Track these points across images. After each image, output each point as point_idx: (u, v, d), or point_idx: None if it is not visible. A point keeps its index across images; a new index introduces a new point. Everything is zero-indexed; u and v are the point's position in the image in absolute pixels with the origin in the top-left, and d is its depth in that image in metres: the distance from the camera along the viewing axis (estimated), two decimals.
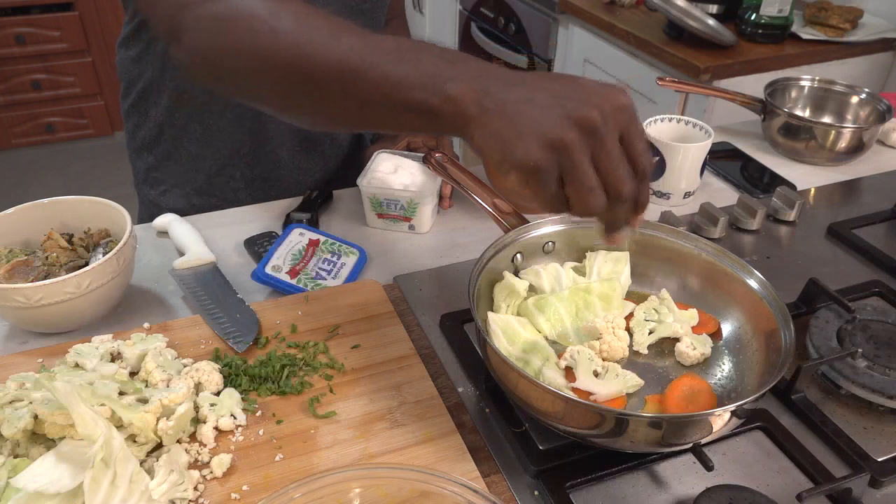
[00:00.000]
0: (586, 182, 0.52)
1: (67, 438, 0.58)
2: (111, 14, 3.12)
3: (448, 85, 0.52)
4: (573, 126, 0.50)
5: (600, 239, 0.59)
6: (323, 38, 0.58)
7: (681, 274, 0.79)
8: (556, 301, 0.75)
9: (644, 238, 0.79)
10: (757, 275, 0.72)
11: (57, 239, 0.80)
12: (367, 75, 0.55)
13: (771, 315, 0.69)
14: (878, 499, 0.63)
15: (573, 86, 0.53)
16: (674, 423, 0.59)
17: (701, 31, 1.73)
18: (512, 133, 0.51)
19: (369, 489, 0.56)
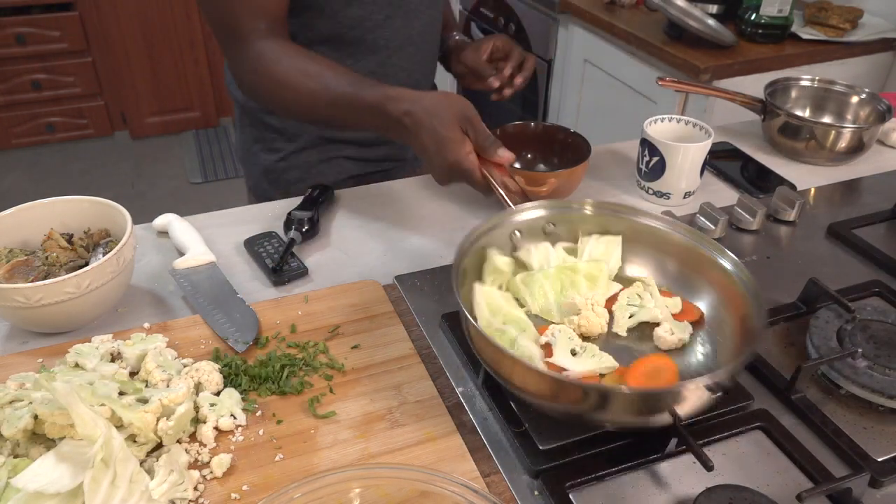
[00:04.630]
0: (476, 184, 0.85)
1: (67, 438, 0.58)
2: (111, 14, 3.12)
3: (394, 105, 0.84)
4: (445, 172, 0.86)
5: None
6: (325, 85, 0.90)
7: (662, 258, 0.81)
8: (542, 278, 0.77)
9: (634, 224, 0.81)
10: (729, 255, 0.74)
11: (57, 239, 0.80)
12: (352, 98, 0.88)
13: (745, 296, 0.70)
14: (878, 499, 0.63)
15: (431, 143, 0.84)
16: (627, 395, 0.60)
17: (701, 31, 1.73)
18: (425, 161, 0.87)
19: (369, 489, 0.56)
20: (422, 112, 0.83)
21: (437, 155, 0.83)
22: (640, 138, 1.04)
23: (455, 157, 0.83)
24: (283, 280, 0.86)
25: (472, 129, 0.84)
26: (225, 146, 3.47)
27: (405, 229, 0.98)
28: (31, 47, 3.05)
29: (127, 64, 3.25)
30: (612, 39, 1.99)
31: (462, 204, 1.03)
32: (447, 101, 0.84)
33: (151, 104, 3.41)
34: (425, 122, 0.83)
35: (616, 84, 2.04)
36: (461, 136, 0.83)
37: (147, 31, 3.22)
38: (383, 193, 1.06)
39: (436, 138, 0.83)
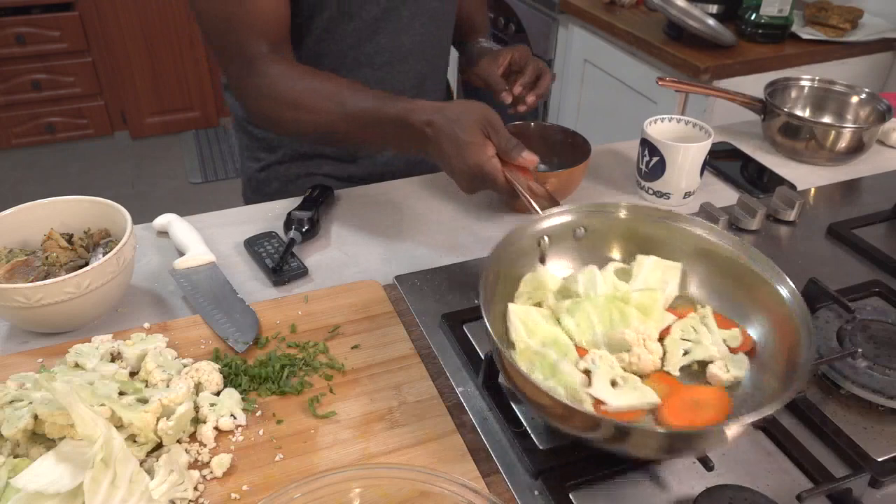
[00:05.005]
0: (500, 189, 0.84)
1: (67, 438, 0.58)
2: (111, 14, 3.12)
3: (416, 116, 0.84)
4: (468, 178, 0.85)
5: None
6: (343, 103, 0.89)
7: (703, 268, 0.76)
8: (589, 306, 0.71)
9: (673, 230, 0.76)
10: (784, 278, 0.69)
11: (57, 239, 0.80)
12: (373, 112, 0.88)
13: (796, 326, 0.65)
14: (878, 499, 0.63)
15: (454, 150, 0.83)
16: (672, 436, 0.58)
17: (701, 31, 1.73)
18: (447, 170, 0.87)
19: (369, 489, 0.56)
20: (443, 120, 0.83)
21: (458, 160, 0.83)
22: (640, 138, 1.04)
23: (476, 160, 0.82)
24: (283, 280, 0.86)
25: (495, 133, 0.83)
26: (225, 146, 3.47)
27: (405, 229, 0.98)
28: (31, 47, 3.05)
29: (127, 64, 3.25)
30: (612, 39, 1.99)
31: (462, 204, 1.03)
32: (468, 108, 0.84)
33: (151, 104, 3.41)
34: (446, 129, 0.82)
35: (616, 84, 2.04)
36: (483, 140, 0.83)
37: (147, 31, 3.22)
38: (383, 193, 1.06)
39: (457, 144, 0.82)
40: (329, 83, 0.91)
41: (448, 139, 0.82)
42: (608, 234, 0.79)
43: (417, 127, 0.84)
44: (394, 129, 0.86)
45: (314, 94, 0.90)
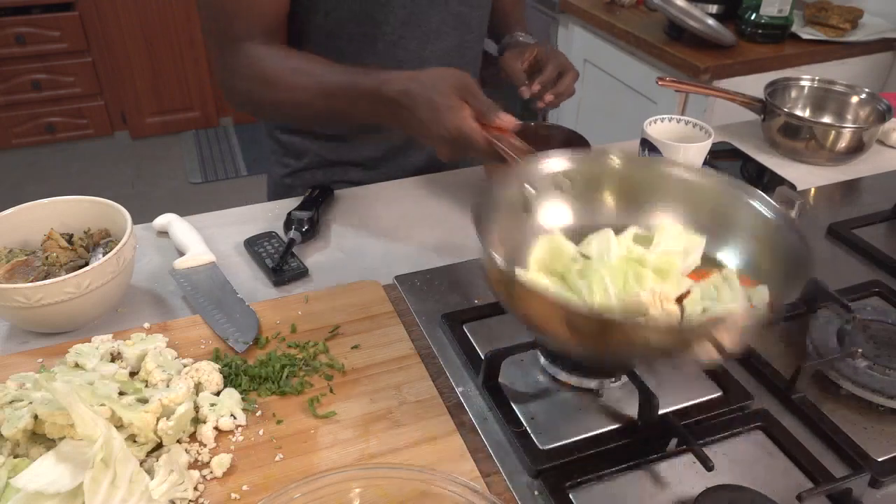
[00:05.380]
0: (481, 149, 0.82)
1: (67, 438, 0.58)
2: (111, 14, 3.11)
3: (390, 86, 0.84)
4: (446, 143, 0.83)
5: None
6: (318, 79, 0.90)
7: (695, 211, 0.74)
8: (602, 268, 0.67)
9: (666, 177, 0.75)
10: (763, 197, 0.69)
11: (57, 239, 0.80)
12: (348, 86, 0.88)
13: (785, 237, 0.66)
14: (878, 499, 0.63)
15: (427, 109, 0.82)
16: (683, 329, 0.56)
17: (701, 31, 1.73)
18: (424, 138, 0.85)
19: (369, 489, 0.56)
20: (419, 87, 0.82)
21: (436, 125, 0.81)
22: (640, 138, 1.04)
23: (455, 123, 0.81)
24: (283, 280, 0.86)
25: (472, 97, 0.82)
26: (225, 146, 3.47)
27: (405, 229, 0.98)
28: (31, 47, 3.05)
29: (127, 64, 3.25)
30: (612, 39, 1.99)
31: (462, 204, 1.03)
32: (443, 73, 0.83)
33: (151, 104, 3.41)
34: (423, 95, 0.81)
35: (616, 84, 2.04)
36: (459, 103, 0.82)
37: (147, 31, 3.21)
38: (383, 193, 1.06)
39: (434, 108, 0.81)
40: (305, 60, 0.92)
41: (425, 105, 0.81)
42: (595, 184, 0.76)
43: (392, 97, 0.83)
44: (369, 102, 0.86)
45: (291, 72, 0.91)
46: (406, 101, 0.83)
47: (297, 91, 0.90)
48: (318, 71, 0.90)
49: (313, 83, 0.89)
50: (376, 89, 0.85)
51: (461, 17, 1.06)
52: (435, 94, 0.81)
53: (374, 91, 0.85)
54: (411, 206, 1.03)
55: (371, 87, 0.85)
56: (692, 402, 0.70)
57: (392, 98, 0.83)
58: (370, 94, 0.85)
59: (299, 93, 0.90)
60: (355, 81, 0.87)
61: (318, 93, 0.89)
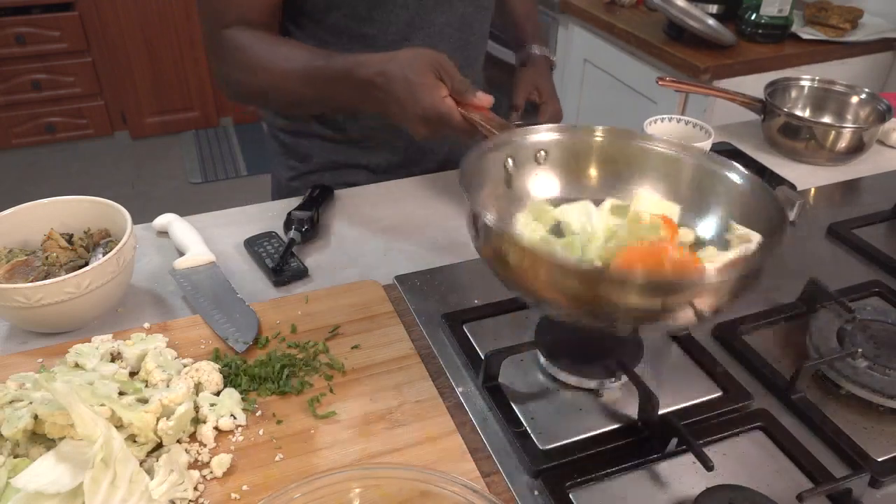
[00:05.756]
0: (457, 127, 0.82)
1: (67, 438, 0.58)
2: (111, 14, 3.12)
3: (364, 69, 0.84)
4: (423, 122, 0.83)
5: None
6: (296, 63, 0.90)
7: (676, 185, 0.75)
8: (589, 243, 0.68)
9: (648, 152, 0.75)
10: (738, 168, 0.71)
11: (57, 239, 0.80)
12: (325, 69, 0.88)
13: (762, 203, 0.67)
14: (878, 499, 0.63)
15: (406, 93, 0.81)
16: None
17: (701, 31, 1.73)
18: (400, 118, 0.84)
19: (369, 489, 0.56)
20: (395, 66, 0.82)
21: (412, 104, 0.81)
22: None
23: (431, 101, 0.80)
24: (283, 280, 0.86)
25: (447, 76, 0.82)
26: (225, 146, 3.47)
27: (405, 229, 0.98)
28: (31, 47, 3.05)
29: (127, 64, 3.25)
30: (612, 39, 1.99)
31: (462, 204, 1.03)
32: (418, 53, 0.83)
33: (151, 104, 3.41)
34: (398, 75, 0.81)
35: (616, 84, 2.04)
36: (435, 82, 0.81)
37: (147, 31, 3.22)
38: (383, 193, 1.06)
39: (409, 87, 0.81)
40: (285, 46, 0.93)
41: (400, 83, 0.81)
42: (575, 157, 0.76)
43: (367, 78, 0.83)
44: (346, 85, 0.86)
45: (276, 58, 0.92)
46: (381, 81, 0.82)
47: (280, 77, 0.91)
48: (300, 56, 0.91)
49: (295, 68, 0.90)
50: (351, 71, 0.85)
51: (466, 19, 1.06)
52: (410, 73, 0.81)
53: (349, 72, 0.85)
54: (411, 206, 1.03)
55: (346, 69, 0.85)
56: (692, 402, 0.70)
57: (367, 79, 0.83)
58: (346, 76, 0.85)
59: (279, 78, 0.91)
60: (331, 64, 0.87)
61: (299, 78, 0.90)
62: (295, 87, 0.91)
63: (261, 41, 0.93)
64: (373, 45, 1.01)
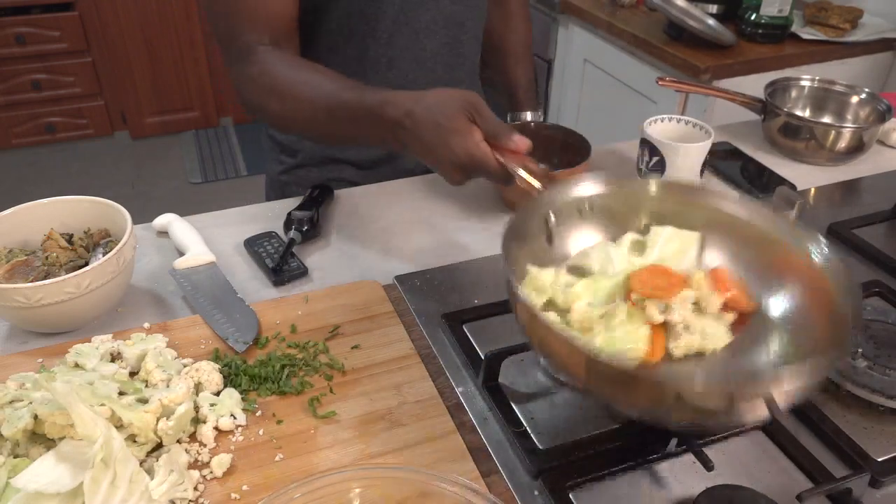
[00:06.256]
0: (494, 174, 0.77)
1: (67, 438, 0.58)
2: (111, 14, 3.12)
3: (392, 108, 0.79)
4: (456, 168, 0.78)
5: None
6: (324, 93, 0.86)
7: (739, 250, 0.70)
8: (605, 281, 0.66)
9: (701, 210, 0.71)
10: (821, 241, 0.65)
11: (57, 239, 0.80)
12: (352, 104, 0.84)
13: (835, 292, 0.62)
14: (878, 499, 0.63)
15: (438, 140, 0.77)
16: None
17: (701, 31, 1.73)
18: (431, 163, 0.80)
19: (369, 489, 0.56)
20: (423, 110, 0.77)
21: (444, 149, 0.76)
22: (640, 138, 1.04)
23: (464, 147, 0.75)
24: (283, 280, 0.86)
25: (480, 118, 0.77)
26: (225, 146, 3.47)
27: (405, 229, 0.98)
28: (31, 47, 3.05)
29: (127, 64, 3.25)
30: (612, 39, 1.99)
31: (462, 204, 1.03)
32: (449, 94, 0.78)
33: (151, 104, 3.41)
34: (427, 119, 0.77)
35: (616, 84, 2.04)
36: (468, 125, 0.76)
37: (147, 31, 3.22)
38: (383, 193, 1.06)
39: (440, 132, 0.76)
40: (314, 73, 0.89)
41: (430, 128, 0.77)
42: (614, 209, 0.73)
43: (395, 119, 0.78)
44: (371, 123, 0.82)
45: (299, 84, 0.89)
46: (409, 123, 0.78)
47: (304, 104, 0.88)
48: (325, 85, 0.87)
49: (318, 97, 0.86)
50: (378, 109, 0.80)
51: (454, 17, 1.06)
52: (441, 117, 0.76)
53: (375, 111, 0.80)
54: (412, 206, 1.03)
55: (372, 107, 0.81)
56: None
57: (395, 120, 0.79)
58: (372, 113, 0.81)
59: (305, 106, 0.88)
60: (358, 99, 0.83)
61: (322, 108, 0.86)
62: (319, 117, 0.87)
63: (285, 65, 0.90)
64: (367, 45, 1.01)
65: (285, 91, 0.89)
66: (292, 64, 0.91)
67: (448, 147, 0.76)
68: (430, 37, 1.05)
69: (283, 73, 0.90)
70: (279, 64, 0.90)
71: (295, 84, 0.89)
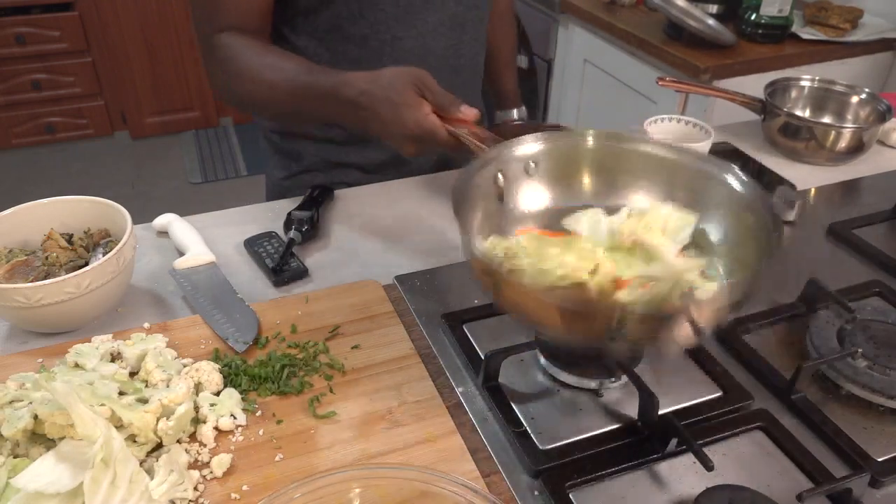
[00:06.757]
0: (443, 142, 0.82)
1: (67, 438, 0.58)
2: (111, 14, 3.11)
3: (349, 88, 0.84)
4: (409, 140, 0.83)
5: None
6: (283, 76, 0.91)
7: (671, 188, 0.74)
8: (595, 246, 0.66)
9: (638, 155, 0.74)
10: (737, 172, 0.69)
11: (57, 239, 0.80)
12: (311, 86, 0.89)
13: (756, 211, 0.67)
14: (878, 499, 0.63)
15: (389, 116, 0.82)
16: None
17: (701, 31, 1.73)
18: (387, 137, 0.85)
19: (369, 489, 0.56)
20: (376, 87, 0.83)
21: (396, 123, 0.82)
22: None
23: (414, 119, 0.81)
24: (283, 280, 0.86)
25: (429, 92, 0.82)
26: (225, 146, 3.47)
27: (405, 229, 0.98)
28: (31, 47, 3.05)
29: (127, 64, 3.25)
30: (612, 39, 1.99)
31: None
32: (399, 71, 0.84)
33: (151, 104, 3.41)
34: (380, 95, 0.82)
35: (616, 84, 2.04)
36: (417, 99, 0.82)
37: (147, 31, 3.22)
38: (383, 193, 1.06)
39: (393, 106, 0.82)
40: (274, 56, 0.93)
41: (383, 104, 0.82)
42: (566, 165, 0.75)
43: (352, 98, 0.84)
44: (332, 103, 0.87)
45: (263, 67, 0.92)
46: (365, 101, 0.83)
47: (266, 87, 0.92)
48: (287, 68, 0.91)
49: (281, 80, 0.91)
50: (336, 90, 0.85)
51: (457, 18, 1.06)
52: (392, 92, 0.82)
53: (333, 91, 0.86)
54: (412, 206, 1.03)
55: (331, 88, 0.86)
56: (692, 402, 0.70)
57: (351, 99, 0.84)
58: (331, 94, 0.86)
59: (265, 88, 0.92)
60: (317, 81, 0.88)
61: (284, 90, 0.90)
62: (282, 99, 0.91)
63: (250, 49, 0.93)
64: (364, 46, 1.01)
65: (248, 73, 0.93)
66: (257, 48, 0.94)
67: (401, 120, 0.82)
68: (434, 39, 1.05)
69: (248, 57, 0.93)
70: (245, 49, 0.94)
71: (258, 68, 0.92)
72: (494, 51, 1.26)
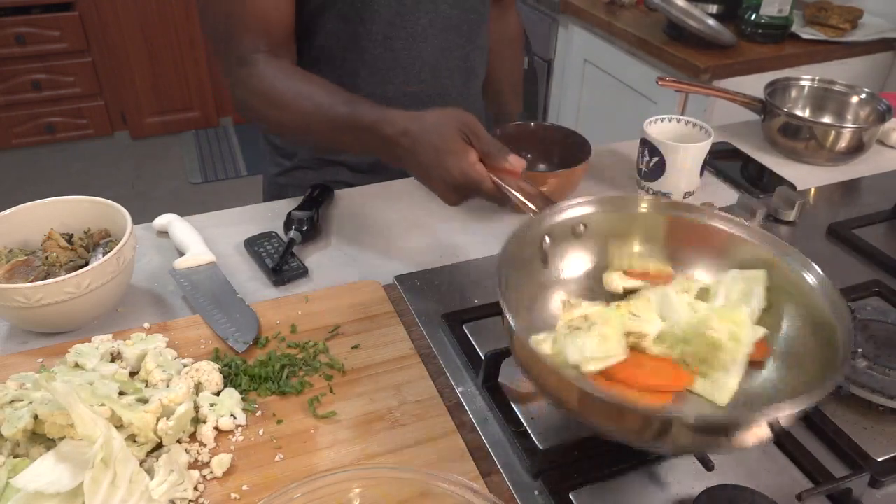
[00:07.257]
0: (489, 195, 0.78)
1: (67, 438, 0.58)
2: (111, 14, 3.12)
3: (390, 126, 0.81)
4: (451, 189, 0.79)
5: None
6: (319, 106, 0.87)
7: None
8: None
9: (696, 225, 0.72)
10: (815, 269, 0.67)
11: (57, 239, 0.80)
12: (348, 119, 0.85)
13: (829, 318, 0.62)
14: (878, 499, 0.63)
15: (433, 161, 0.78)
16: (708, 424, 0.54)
17: (701, 31, 1.73)
18: (427, 182, 0.81)
19: (369, 489, 0.56)
20: (419, 129, 0.79)
21: (440, 170, 0.77)
22: (639, 138, 1.04)
23: (459, 168, 0.77)
24: (283, 280, 0.86)
25: (476, 139, 0.78)
26: (225, 146, 3.47)
27: (405, 229, 0.98)
28: (31, 47, 3.05)
29: (127, 64, 3.25)
30: (612, 39, 1.99)
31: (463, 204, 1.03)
32: (445, 114, 0.80)
33: (151, 104, 3.41)
34: (424, 139, 0.78)
35: (616, 84, 2.04)
36: (464, 147, 0.77)
37: (147, 31, 3.22)
38: (383, 193, 1.06)
39: (437, 153, 0.77)
40: (309, 84, 0.90)
41: (426, 149, 0.78)
42: (609, 229, 0.74)
43: (392, 136, 0.80)
44: (370, 138, 0.83)
45: (295, 95, 0.89)
46: (407, 143, 0.79)
47: (301, 115, 0.89)
48: (322, 98, 0.88)
49: (316, 110, 0.87)
50: (376, 126, 0.82)
51: (451, 21, 1.05)
52: (437, 137, 0.78)
53: (373, 127, 0.82)
54: (412, 206, 1.03)
55: (371, 123, 0.82)
56: None
57: (391, 137, 0.80)
58: (370, 130, 0.82)
59: (302, 117, 0.89)
60: (357, 115, 0.84)
61: (320, 120, 0.87)
62: (318, 128, 0.88)
63: (284, 74, 0.91)
64: (363, 47, 1.01)
65: (282, 101, 0.90)
66: (289, 73, 0.92)
67: (444, 168, 0.77)
68: (425, 41, 1.04)
69: (280, 83, 0.91)
70: (276, 73, 0.91)
71: (292, 95, 0.90)
72: (502, 77, 1.26)
